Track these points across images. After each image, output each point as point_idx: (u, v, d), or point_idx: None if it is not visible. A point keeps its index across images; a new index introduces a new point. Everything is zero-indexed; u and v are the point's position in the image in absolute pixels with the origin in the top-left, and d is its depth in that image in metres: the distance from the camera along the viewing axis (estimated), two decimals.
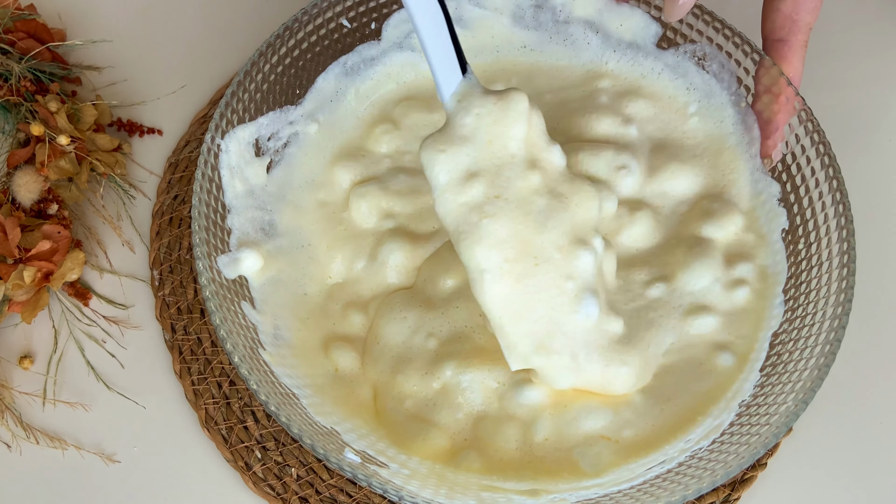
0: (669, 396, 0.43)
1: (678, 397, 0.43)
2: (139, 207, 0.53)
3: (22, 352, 0.49)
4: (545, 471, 0.41)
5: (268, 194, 0.48)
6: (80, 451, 0.46)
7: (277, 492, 0.45)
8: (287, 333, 0.45)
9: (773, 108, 0.47)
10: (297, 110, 0.50)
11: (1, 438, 0.46)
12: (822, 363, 0.40)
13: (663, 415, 0.42)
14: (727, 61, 0.49)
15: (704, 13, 0.49)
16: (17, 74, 0.53)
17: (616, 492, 0.40)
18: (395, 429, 0.42)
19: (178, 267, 0.51)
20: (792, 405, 0.39)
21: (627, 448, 0.41)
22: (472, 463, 0.41)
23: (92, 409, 0.47)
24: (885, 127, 0.58)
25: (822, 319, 0.42)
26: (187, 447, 0.47)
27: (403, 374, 0.43)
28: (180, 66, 0.58)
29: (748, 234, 0.47)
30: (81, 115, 0.53)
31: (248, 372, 0.39)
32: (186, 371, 0.48)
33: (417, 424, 0.42)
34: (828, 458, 0.47)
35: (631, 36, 0.52)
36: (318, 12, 0.49)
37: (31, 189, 0.50)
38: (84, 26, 0.59)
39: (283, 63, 0.49)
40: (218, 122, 0.45)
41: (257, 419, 0.47)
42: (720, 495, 0.46)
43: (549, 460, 0.42)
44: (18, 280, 0.47)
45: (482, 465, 0.41)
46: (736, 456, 0.39)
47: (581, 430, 0.42)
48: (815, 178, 0.45)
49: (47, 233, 0.49)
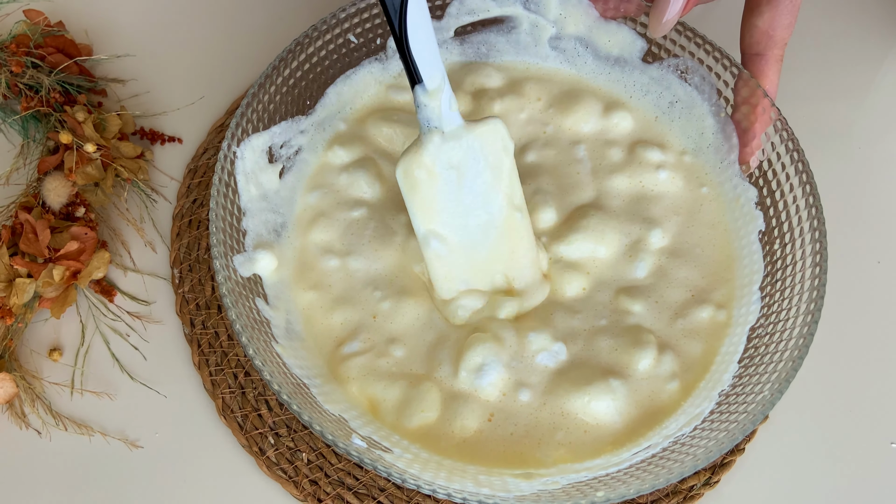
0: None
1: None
2: (160, 210, 0.53)
3: (51, 345, 0.49)
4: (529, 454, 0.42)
5: (280, 198, 0.48)
6: (105, 437, 0.46)
7: (289, 475, 0.45)
8: (298, 328, 0.45)
9: (751, 118, 0.47)
10: (307, 120, 0.50)
11: (32, 425, 0.46)
12: (796, 356, 0.40)
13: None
14: (708, 74, 0.49)
15: (687, 30, 0.49)
16: (47, 87, 0.53)
17: (605, 475, 0.40)
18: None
19: (197, 266, 0.51)
20: (768, 394, 0.39)
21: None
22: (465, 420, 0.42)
23: (116, 399, 0.47)
24: (854, 136, 0.58)
25: (797, 315, 0.42)
26: (205, 434, 0.47)
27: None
28: (199, 79, 0.58)
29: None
30: (107, 124, 0.53)
31: (262, 363, 0.39)
32: (204, 363, 0.48)
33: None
34: (801, 443, 0.47)
35: (618, 51, 0.52)
36: (327, 28, 0.49)
37: (60, 193, 0.50)
38: (109, 42, 0.59)
39: (295, 76, 0.49)
40: (234, 130, 0.45)
41: (270, 407, 0.47)
42: (701, 478, 0.46)
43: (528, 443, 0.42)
44: (48, 278, 0.47)
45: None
46: (716, 442, 0.39)
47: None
48: (790, 184, 0.45)
49: (75, 234, 0.49)
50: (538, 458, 0.41)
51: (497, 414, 0.42)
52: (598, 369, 0.43)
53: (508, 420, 0.42)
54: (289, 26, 0.60)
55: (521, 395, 0.43)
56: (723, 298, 0.46)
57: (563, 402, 0.42)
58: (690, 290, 0.46)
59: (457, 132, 0.42)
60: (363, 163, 0.49)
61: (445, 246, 0.44)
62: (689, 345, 0.44)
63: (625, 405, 0.43)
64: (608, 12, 0.51)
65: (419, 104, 0.41)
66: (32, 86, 0.53)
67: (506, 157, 0.43)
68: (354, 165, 0.49)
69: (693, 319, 0.45)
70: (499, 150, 0.43)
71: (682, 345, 0.44)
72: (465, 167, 0.42)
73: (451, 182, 0.42)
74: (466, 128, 0.42)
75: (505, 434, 0.42)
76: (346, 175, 0.49)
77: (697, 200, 0.49)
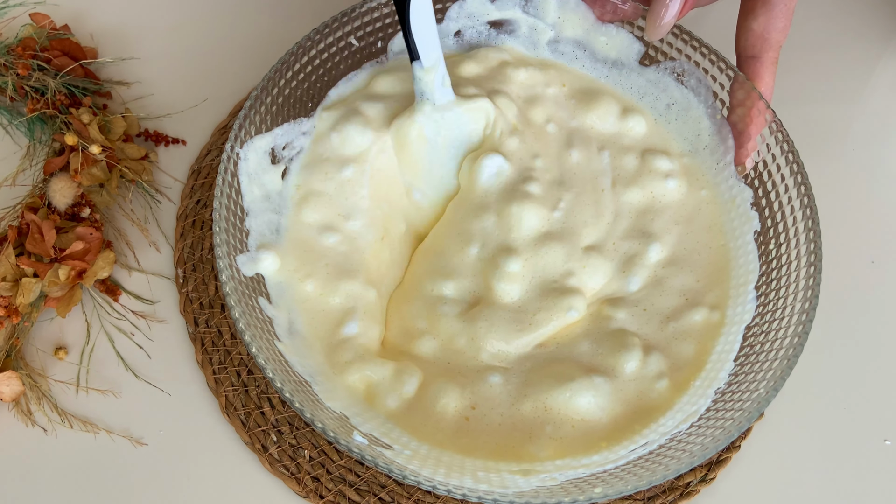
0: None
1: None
2: (164, 211, 0.54)
3: (57, 344, 0.49)
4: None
5: (282, 198, 0.48)
6: (110, 434, 0.46)
7: (291, 472, 0.45)
8: (300, 326, 0.45)
9: (747, 120, 0.47)
10: (309, 122, 0.50)
11: (39, 423, 0.46)
12: (790, 354, 0.40)
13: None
14: (704, 77, 0.49)
15: (683, 33, 0.49)
16: (52, 89, 0.53)
17: (602, 472, 0.40)
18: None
19: (201, 265, 0.51)
20: (763, 392, 0.39)
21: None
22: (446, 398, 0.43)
23: (121, 396, 0.47)
24: (848, 137, 0.58)
25: (791, 314, 0.42)
26: (209, 431, 0.47)
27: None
28: (202, 82, 0.58)
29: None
30: (112, 126, 0.53)
31: (265, 362, 0.39)
32: (208, 361, 0.48)
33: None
34: (796, 440, 0.47)
35: (616, 54, 0.52)
36: (328, 32, 0.49)
37: (66, 194, 0.50)
38: (115, 45, 0.60)
39: (297, 78, 0.49)
40: (237, 132, 0.45)
41: (273, 405, 0.47)
42: (697, 475, 0.46)
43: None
44: (54, 278, 0.47)
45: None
46: (712, 439, 0.39)
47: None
48: (785, 185, 0.45)
49: (80, 234, 0.49)
50: (531, 451, 0.41)
51: (480, 404, 0.42)
52: (581, 367, 0.43)
53: (493, 410, 0.42)
54: (291, 30, 0.60)
55: (492, 378, 0.43)
56: (717, 300, 0.45)
57: (545, 396, 0.42)
58: (685, 295, 0.46)
59: (447, 105, 0.47)
60: (348, 116, 0.49)
61: (426, 198, 0.49)
62: (681, 346, 0.44)
63: (608, 402, 0.42)
64: (605, 16, 0.51)
65: (415, 77, 0.46)
66: (38, 88, 0.54)
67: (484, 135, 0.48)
68: (341, 121, 0.48)
69: (685, 322, 0.45)
70: (480, 128, 0.48)
71: (673, 346, 0.44)
72: (450, 137, 0.48)
73: (436, 147, 0.48)
74: (457, 102, 0.47)
75: (493, 424, 0.42)
76: (335, 134, 0.48)
77: (697, 205, 0.49)
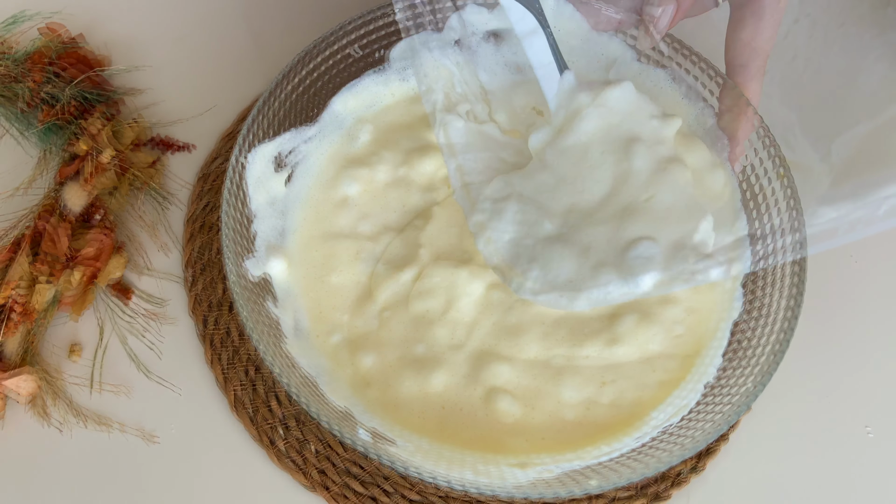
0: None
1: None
2: (174, 215, 0.54)
3: (71, 344, 0.49)
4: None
5: (287, 203, 0.48)
6: (123, 432, 0.47)
7: (298, 465, 0.46)
8: (306, 326, 0.45)
9: (735, 125, 0.47)
10: (312, 129, 0.50)
11: (54, 420, 0.47)
12: (777, 349, 0.40)
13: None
14: (694, 83, 0.49)
15: (674, 41, 0.50)
16: (65, 99, 0.53)
17: (596, 464, 0.40)
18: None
19: (209, 267, 0.51)
20: (751, 386, 0.40)
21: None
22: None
23: (133, 395, 0.48)
24: None
25: (777, 310, 0.42)
26: (218, 427, 0.47)
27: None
28: (210, 90, 0.58)
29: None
30: (122, 133, 0.53)
31: (272, 360, 0.39)
32: (217, 359, 0.48)
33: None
34: (782, 432, 0.47)
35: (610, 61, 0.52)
36: (330, 42, 0.49)
37: (79, 200, 0.50)
38: (128, 53, 0.60)
39: (301, 87, 0.49)
40: (244, 139, 0.45)
41: (280, 401, 0.47)
42: (688, 465, 0.46)
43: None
44: (68, 280, 0.47)
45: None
46: (702, 432, 0.39)
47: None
48: (772, 187, 0.46)
49: (93, 238, 0.49)
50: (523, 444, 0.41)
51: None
52: (567, 366, 0.43)
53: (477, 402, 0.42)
54: (294, 40, 0.60)
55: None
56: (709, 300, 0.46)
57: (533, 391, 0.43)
58: (680, 299, 0.46)
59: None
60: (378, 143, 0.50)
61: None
62: (673, 344, 0.44)
63: (597, 398, 0.42)
64: (599, 25, 0.51)
65: (564, 88, 0.46)
66: (51, 97, 0.54)
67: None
68: (373, 144, 0.50)
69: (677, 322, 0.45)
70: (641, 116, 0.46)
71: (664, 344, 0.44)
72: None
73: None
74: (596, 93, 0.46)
75: (481, 416, 0.42)
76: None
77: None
